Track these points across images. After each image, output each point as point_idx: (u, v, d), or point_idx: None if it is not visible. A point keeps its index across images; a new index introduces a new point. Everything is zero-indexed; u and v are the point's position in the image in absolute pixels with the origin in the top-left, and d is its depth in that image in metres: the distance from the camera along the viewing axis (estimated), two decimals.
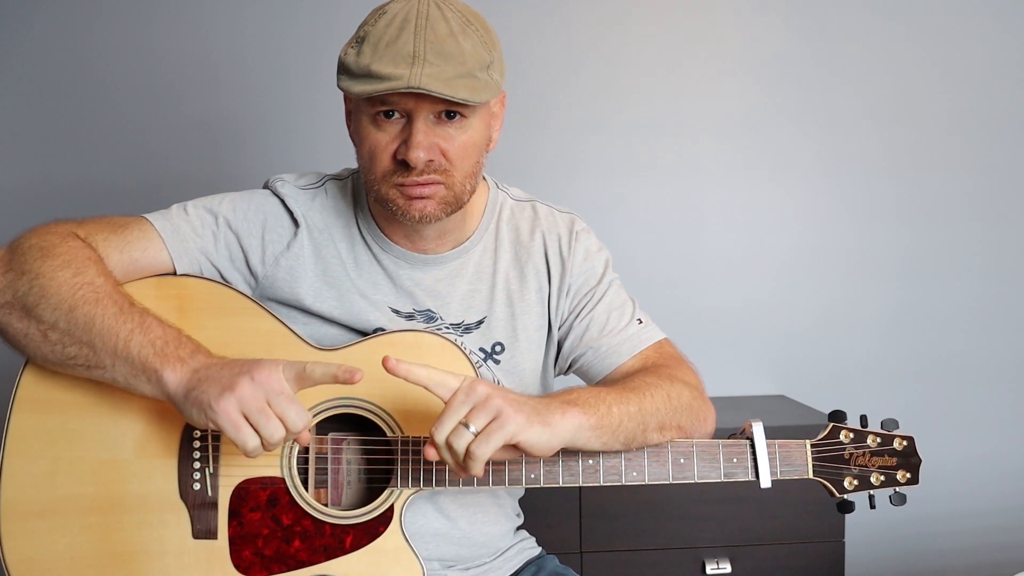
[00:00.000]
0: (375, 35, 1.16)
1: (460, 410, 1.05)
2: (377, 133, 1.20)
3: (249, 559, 1.15)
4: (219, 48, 2.37)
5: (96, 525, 1.14)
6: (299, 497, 1.17)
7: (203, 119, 2.37)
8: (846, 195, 2.52)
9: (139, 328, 1.10)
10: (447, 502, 1.31)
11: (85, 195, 2.33)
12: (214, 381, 1.05)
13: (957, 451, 2.55)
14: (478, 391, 1.05)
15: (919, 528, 2.54)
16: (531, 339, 1.36)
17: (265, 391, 1.05)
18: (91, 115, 2.35)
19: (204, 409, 1.05)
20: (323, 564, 1.16)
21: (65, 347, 1.11)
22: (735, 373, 2.51)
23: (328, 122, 2.32)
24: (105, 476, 1.15)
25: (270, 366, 1.06)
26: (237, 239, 1.29)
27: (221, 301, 1.23)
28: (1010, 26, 2.52)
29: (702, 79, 2.47)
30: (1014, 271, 2.58)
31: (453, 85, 1.14)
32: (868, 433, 1.28)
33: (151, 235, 1.23)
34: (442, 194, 1.22)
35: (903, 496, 1.29)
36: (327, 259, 1.31)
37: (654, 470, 1.21)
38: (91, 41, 2.33)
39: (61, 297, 1.11)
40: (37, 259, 1.13)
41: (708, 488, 2.02)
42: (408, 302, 1.32)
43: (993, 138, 2.54)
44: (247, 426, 1.05)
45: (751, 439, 1.24)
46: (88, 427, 1.16)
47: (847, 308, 2.54)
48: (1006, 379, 2.58)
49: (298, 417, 1.06)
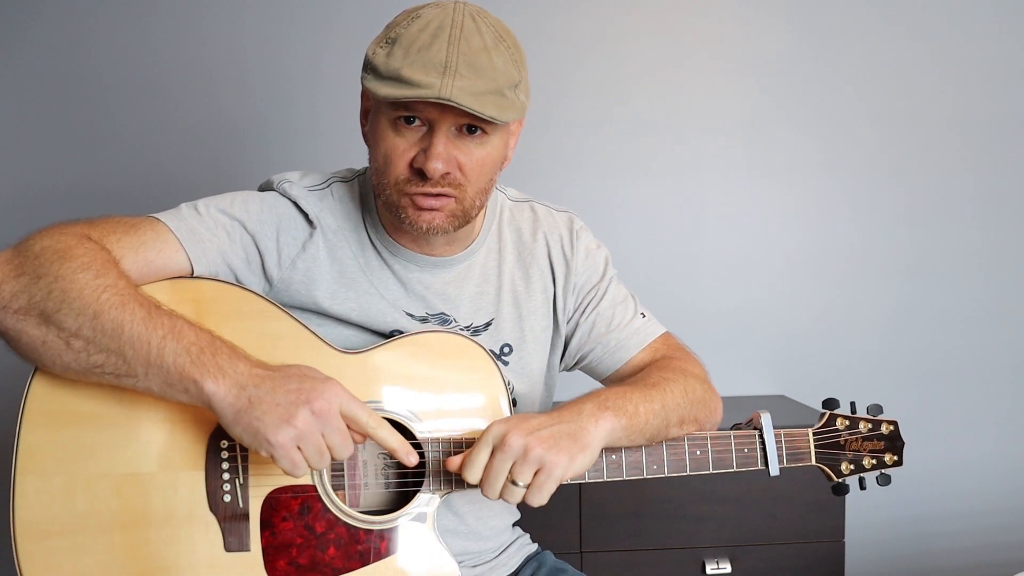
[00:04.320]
0: (407, 38, 1.14)
1: (503, 468, 1.07)
2: (396, 138, 1.17)
3: (284, 570, 1.12)
4: (218, 49, 2.31)
5: (122, 543, 1.09)
6: (331, 504, 1.15)
7: (203, 120, 2.31)
8: (847, 195, 2.53)
9: (171, 334, 1.04)
10: (456, 498, 1.31)
11: (85, 196, 2.25)
12: (269, 407, 1.02)
13: (957, 451, 2.57)
14: (512, 445, 1.07)
15: (919, 528, 2.57)
16: (538, 340, 1.37)
17: (322, 425, 1.04)
18: (90, 117, 2.28)
19: (260, 440, 1.02)
20: (360, 570, 1.14)
21: (91, 355, 1.04)
22: (735, 373, 2.51)
23: (328, 123, 2.31)
24: (128, 491, 1.09)
25: (329, 396, 1.05)
26: (254, 241, 1.25)
27: (238, 304, 1.18)
28: (1013, 26, 2.52)
29: (703, 78, 2.47)
30: (1014, 272, 2.58)
31: (482, 101, 1.12)
32: (860, 419, 1.36)
33: (165, 236, 1.17)
34: (452, 208, 1.21)
35: (888, 477, 1.38)
36: (343, 260, 1.28)
37: (673, 463, 1.25)
38: (90, 42, 2.26)
39: (85, 302, 1.04)
40: (54, 262, 1.06)
41: (708, 488, 2.05)
42: (420, 305, 1.31)
43: (994, 139, 2.54)
44: (304, 462, 1.04)
45: (759, 429, 1.30)
46: (106, 440, 1.10)
47: (847, 308, 2.55)
48: (1005, 380, 2.59)
49: (345, 451, 1.07)
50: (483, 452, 1.09)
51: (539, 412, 1.16)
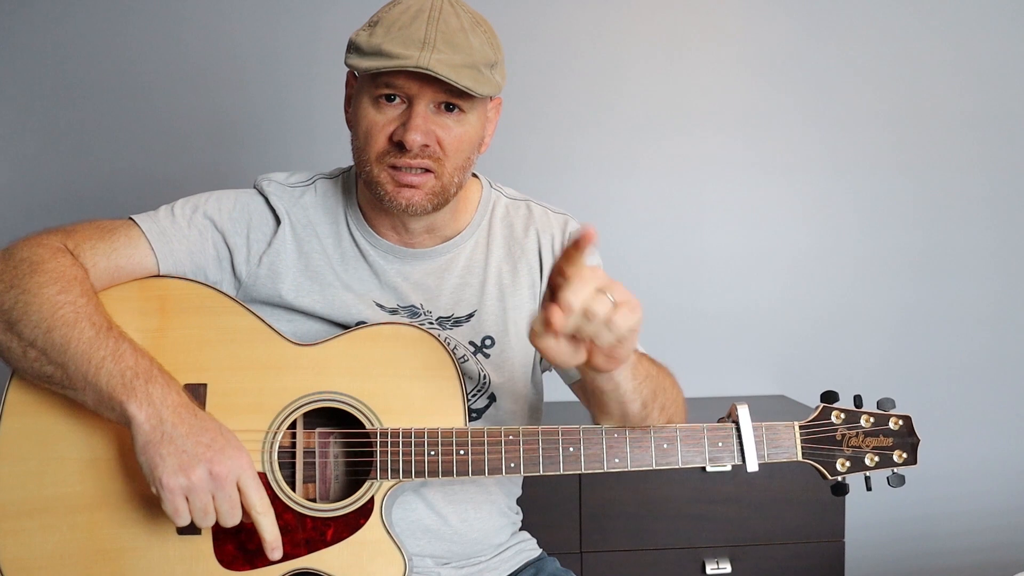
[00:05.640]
0: (389, 19, 1.21)
1: (591, 280, 0.92)
2: (376, 114, 1.23)
3: (232, 554, 1.16)
4: (214, 48, 2.39)
5: (83, 523, 1.16)
6: (280, 491, 1.18)
7: (196, 120, 2.39)
8: (849, 194, 2.50)
9: (112, 356, 1.11)
10: (436, 498, 1.31)
11: (82, 196, 2.36)
12: (173, 451, 1.08)
13: (957, 451, 2.54)
14: (601, 276, 0.94)
15: (919, 528, 2.53)
16: (521, 334, 1.35)
17: (216, 488, 1.09)
18: (86, 116, 2.37)
19: (154, 477, 1.08)
20: (305, 557, 1.16)
21: (43, 366, 1.13)
22: (735, 373, 2.50)
23: (324, 121, 2.36)
24: (90, 475, 1.17)
25: (231, 464, 1.10)
26: (223, 238, 1.31)
27: (202, 300, 1.24)
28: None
29: (706, 73, 2.45)
30: (1016, 272, 2.56)
31: (459, 73, 1.17)
32: (861, 413, 1.25)
33: (137, 239, 1.26)
34: (431, 184, 1.24)
35: (901, 477, 1.25)
36: (309, 254, 1.32)
37: (636, 456, 1.19)
38: (86, 42, 2.36)
39: (41, 316, 1.12)
40: (25, 274, 1.15)
41: (708, 488, 2.03)
42: (392, 297, 1.32)
43: (1008, 136, 2.49)
44: (186, 511, 1.09)
45: (736, 422, 1.22)
46: (75, 428, 1.18)
47: (847, 308, 2.52)
48: (1004, 380, 2.57)
49: (231, 519, 1.11)
50: (586, 287, 0.92)
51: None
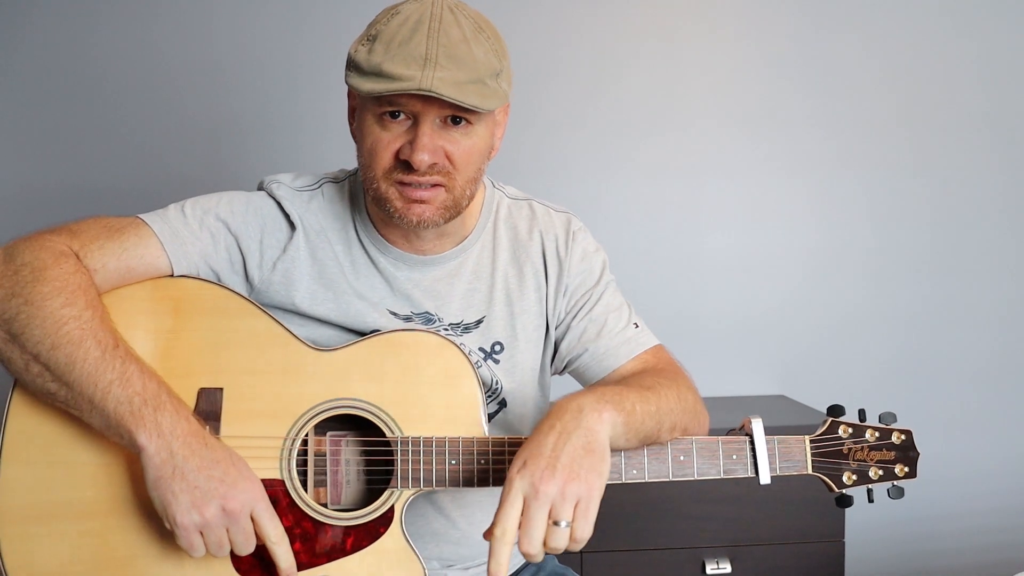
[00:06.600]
0: (387, 34, 1.15)
1: (540, 517, 1.01)
2: (381, 132, 1.19)
3: (250, 562, 1.14)
4: (223, 48, 2.36)
5: (95, 530, 1.13)
6: (299, 499, 1.16)
7: (206, 119, 2.36)
8: (854, 194, 2.49)
9: (119, 380, 1.08)
10: (446, 502, 1.31)
11: (86, 196, 2.32)
12: (186, 488, 1.06)
13: (957, 451, 2.54)
14: (545, 490, 1.01)
15: (919, 528, 2.55)
16: (530, 338, 1.35)
17: (229, 523, 1.08)
18: (93, 115, 2.34)
19: (167, 514, 1.06)
20: (324, 566, 1.15)
21: (45, 382, 1.09)
22: (735, 373, 2.50)
23: (335, 123, 2.29)
24: (102, 480, 1.14)
25: (244, 498, 1.08)
26: (236, 242, 1.28)
27: (216, 301, 1.22)
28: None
29: (710, 71, 2.44)
30: (1018, 272, 2.56)
31: (463, 90, 1.13)
32: (866, 427, 1.28)
33: (148, 239, 1.21)
34: (442, 198, 1.21)
35: (901, 489, 1.29)
36: (323, 261, 1.30)
37: (654, 467, 1.21)
38: (93, 41, 2.32)
39: (45, 331, 1.08)
40: (27, 282, 1.10)
41: (708, 488, 2.03)
42: (405, 304, 1.31)
43: (1017, 137, 2.49)
44: (201, 546, 1.08)
45: (750, 435, 1.24)
46: (84, 431, 1.14)
47: (847, 308, 2.52)
48: (1004, 380, 2.57)
49: (247, 549, 1.10)
50: (514, 507, 1.01)
51: (539, 427, 1.08)
